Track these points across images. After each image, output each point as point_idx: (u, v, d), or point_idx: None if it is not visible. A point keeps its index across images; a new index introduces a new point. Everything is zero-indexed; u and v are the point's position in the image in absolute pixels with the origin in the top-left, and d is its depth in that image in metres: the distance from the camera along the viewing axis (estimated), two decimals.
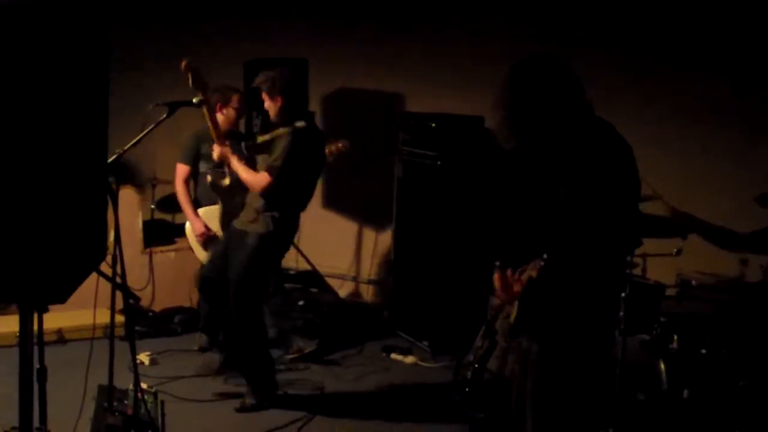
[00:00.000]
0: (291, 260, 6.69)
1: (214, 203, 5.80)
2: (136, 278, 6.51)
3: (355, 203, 7.37)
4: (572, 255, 3.01)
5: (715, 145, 5.42)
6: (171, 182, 7.34)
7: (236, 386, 5.23)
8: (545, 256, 2.95)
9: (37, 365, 2.83)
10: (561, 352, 3.14)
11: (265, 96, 4.96)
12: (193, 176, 5.94)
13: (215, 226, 5.76)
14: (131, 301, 3.71)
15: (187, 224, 5.88)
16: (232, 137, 5.86)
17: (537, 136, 3.04)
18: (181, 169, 5.89)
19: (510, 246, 3.37)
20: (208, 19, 8.18)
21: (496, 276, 3.28)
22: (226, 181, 5.12)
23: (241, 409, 4.96)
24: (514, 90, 3.04)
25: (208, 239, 5.78)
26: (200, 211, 5.83)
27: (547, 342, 3.15)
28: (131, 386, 3.96)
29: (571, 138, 3.02)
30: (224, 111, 5.81)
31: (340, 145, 5.46)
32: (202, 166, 5.87)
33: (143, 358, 5.67)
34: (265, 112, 5.19)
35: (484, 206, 5.85)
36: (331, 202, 7.41)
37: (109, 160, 3.72)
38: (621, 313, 4.21)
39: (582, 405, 3.23)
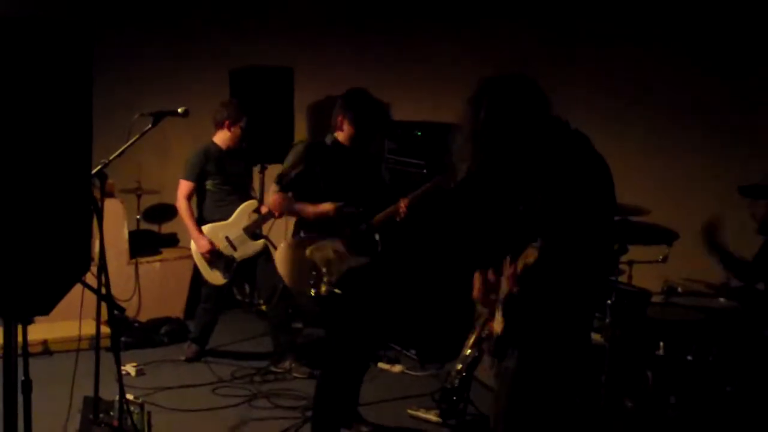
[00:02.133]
0: None
1: (220, 220, 5.82)
2: (122, 289, 6.49)
3: None
4: (547, 270, 3.01)
5: (702, 146, 5.42)
6: (157, 192, 7.35)
7: (223, 397, 5.22)
8: (540, 241, 2.93)
9: (21, 377, 2.82)
10: (535, 370, 3.14)
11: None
12: (198, 193, 5.92)
13: (221, 244, 5.77)
14: (116, 312, 3.70)
15: (192, 242, 5.87)
16: (233, 155, 5.90)
17: (506, 154, 3.04)
18: (185, 186, 5.88)
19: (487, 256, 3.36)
20: (194, 28, 8.18)
21: (476, 276, 3.28)
22: None
23: None
24: (485, 109, 3.02)
25: (213, 257, 5.78)
26: (205, 228, 5.83)
27: (522, 359, 3.15)
28: (117, 397, 3.94)
29: (543, 154, 3.02)
30: (232, 129, 5.88)
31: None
32: (208, 183, 5.88)
33: (129, 369, 5.64)
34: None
35: (465, 216, 5.85)
36: None
37: (94, 171, 3.72)
38: (607, 320, 4.22)
39: (554, 425, 3.23)
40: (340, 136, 4.63)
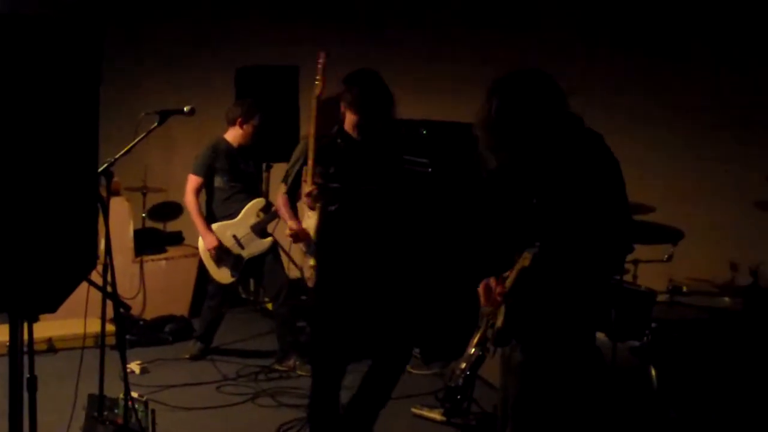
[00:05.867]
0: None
1: (228, 217, 5.83)
2: (127, 287, 6.50)
3: None
4: (556, 263, 3.02)
5: (711, 147, 5.41)
6: (163, 190, 7.36)
7: (228, 395, 5.22)
8: (537, 244, 2.97)
9: (27, 374, 2.82)
10: (542, 361, 3.15)
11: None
12: (206, 190, 5.92)
13: (229, 242, 5.79)
14: (122, 310, 3.70)
15: (199, 240, 5.88)
16: (244, 153, 5.91)
17: (522, 150, 3.05)
18: (194, 181, 5.87)
19: (497, 257, 3.37)
20: (200, 26, 8.19)
21: (481, 286, 3.30)
22: None
23: None
24: (501, 106, 3.04)
25: (220, 255, 5.80)
26: (215, 226, 5.84)
27: (530, 351, 3.16)
28: (122, 395, 3.94)
29: (557, 150, 3.04)
30: (244, 127, 5.89)
31: None
32: (217, 180, 5.88)
33: (134, 366, 5.65)
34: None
35: (472, 216, 5.85)
36: None
37: (100, 169, 3.72)
38: (612, 319, 4.22)
39: (564, 416, 3.23)
40: (346, 124, 4.24)
